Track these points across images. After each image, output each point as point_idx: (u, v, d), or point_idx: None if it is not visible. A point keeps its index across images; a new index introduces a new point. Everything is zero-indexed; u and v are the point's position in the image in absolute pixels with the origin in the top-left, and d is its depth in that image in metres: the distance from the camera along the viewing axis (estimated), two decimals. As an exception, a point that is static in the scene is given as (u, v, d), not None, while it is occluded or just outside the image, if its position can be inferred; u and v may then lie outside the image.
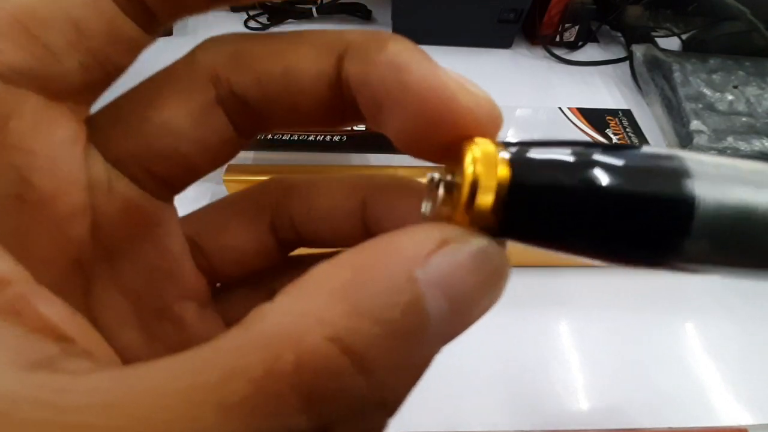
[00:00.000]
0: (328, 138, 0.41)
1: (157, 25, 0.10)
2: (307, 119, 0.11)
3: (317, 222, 0.13)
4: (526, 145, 0.09)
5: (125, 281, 0.11)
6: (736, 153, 0.42)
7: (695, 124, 0.43)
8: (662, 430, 0.29)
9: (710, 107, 0.45)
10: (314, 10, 0.58)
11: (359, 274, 0.07)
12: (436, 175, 0.09)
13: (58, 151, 0.09)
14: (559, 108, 0.46)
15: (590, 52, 0.58)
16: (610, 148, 0.08)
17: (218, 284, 0.14)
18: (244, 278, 0.14)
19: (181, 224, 0.12)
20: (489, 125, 0.09)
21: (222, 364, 0.06)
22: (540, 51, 0.56)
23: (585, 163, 0.08)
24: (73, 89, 0.09)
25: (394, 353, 0.07)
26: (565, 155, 0.08)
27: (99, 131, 0.10)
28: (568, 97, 0.50)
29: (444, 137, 0.09)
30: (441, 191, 0.09)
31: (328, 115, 0.11)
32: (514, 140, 0.09)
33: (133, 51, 0.10)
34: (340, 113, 0.11)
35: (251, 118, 0.11)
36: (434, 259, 0.07)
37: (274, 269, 0.14)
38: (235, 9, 0.59)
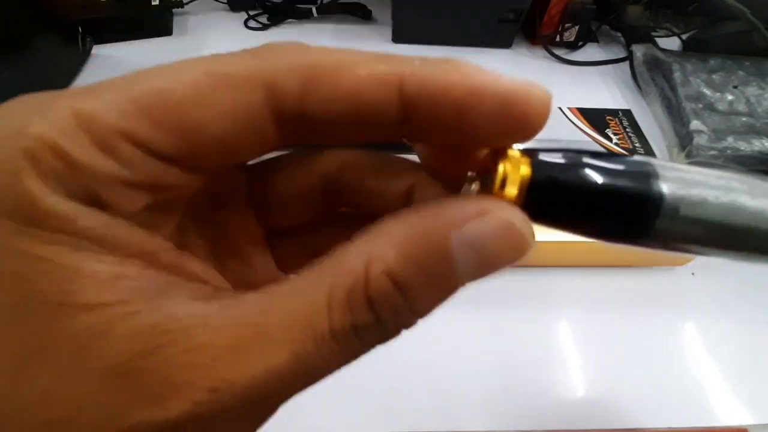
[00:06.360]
0: (328, 138, 0.41)
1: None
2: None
3: (364, 196, 0.15)
4: (541, 152, 0.12)
5: (207, 233, 0.15)
6: (736, 153, 0.42)
7: (695, 124, 0.43)
8: (662, 430, 0.29)
9: (710, 107, 0.45)
10: (314, 10, 0.58)
11: (412, 229, 0.10)
12: (473, 173, 0.12)
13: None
14: (559, 108, 0.46)
15: (590, 52, 0.58)
16: (603, 155, 0.11)
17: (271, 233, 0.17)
18: (291, 230, 0.17)
19: (249, 171, 0.15)
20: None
21: (326, 277, 0.10)
22: (540, 51, 0.56)
23: (583, 165, 0.11)
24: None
25: (425, 286, 0.11)
26: (570, 160, 0.11)
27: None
28: (568, 97, 0.50)
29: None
30: (475, 186, 0.12)
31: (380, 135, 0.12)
32: (531, 147, 0.12)
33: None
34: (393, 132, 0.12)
35: (302, 133, 0.12)
36: (469, 225, 0.10)
37: (316, 224, 0.17)
38: (234, 9, 0.59)
